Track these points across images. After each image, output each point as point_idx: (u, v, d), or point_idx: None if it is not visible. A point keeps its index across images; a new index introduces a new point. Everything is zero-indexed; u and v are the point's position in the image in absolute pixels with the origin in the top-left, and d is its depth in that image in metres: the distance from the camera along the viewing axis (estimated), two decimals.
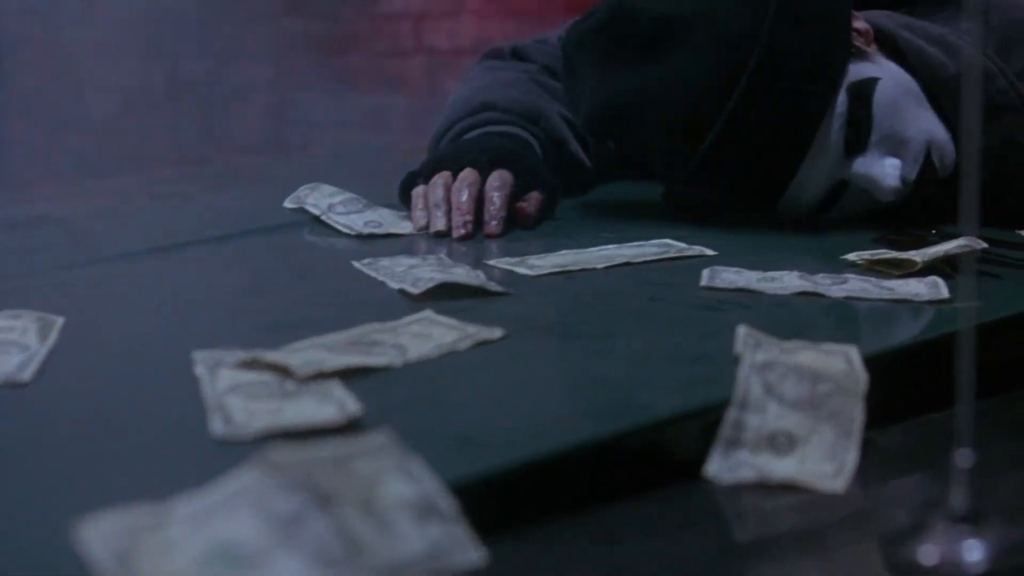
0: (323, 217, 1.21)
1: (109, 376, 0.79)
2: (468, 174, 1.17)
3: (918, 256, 0.97)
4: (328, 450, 0.53)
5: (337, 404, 0.66)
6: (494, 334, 0.80)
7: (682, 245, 1.07)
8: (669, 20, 1.15)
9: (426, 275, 0.94)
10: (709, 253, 1.05)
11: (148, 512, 0.50)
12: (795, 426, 0.66)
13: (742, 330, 0.75)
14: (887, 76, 1.16)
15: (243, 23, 3.85)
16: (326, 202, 1.23)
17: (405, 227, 1.18)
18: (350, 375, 0.71)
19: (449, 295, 0.90)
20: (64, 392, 0.75)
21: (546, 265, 1.01)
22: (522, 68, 1.37)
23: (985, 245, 0.97)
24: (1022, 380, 0.83)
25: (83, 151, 4.24)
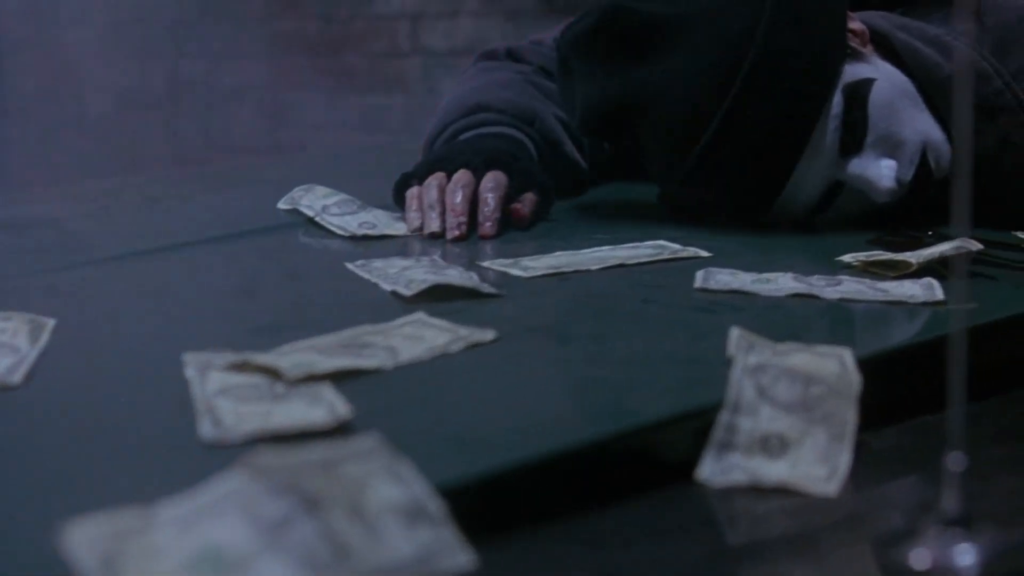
0: (317, 218, 1.21)
1: (99, 378, 0.78)
2: (462, 175, 1.17)
3: (913, 258, 0.96)
4: (316, 453, 0.52)
5: (327, 407, 0.65)
6: (486, 336, 0.80)
7: (676, 247, 1.07)
8: (664, 20, 1.15)
9: (419, 277, 0.93)
10: (704, 254, 1.05)
11: (134, 516, 0.50)
12: (788, 429, 0.65)
13: (735, 332, 0.74)
14: (883, 77, 1.16)
15: (240, 24, 3.85)
16: (320, 203, 1.23)
17: (399, 228, 1.18)
18: (341, 377, 0.71)
19: (442, 297, 0.90)
20: (54, 395, 0.74)
21: (540, 267, 1.01)
22: (517, 69, 1.37)
23: (980, 247, 0.97)
24: (1018, 382, 0.82)
25: (80, 152, 4.23)
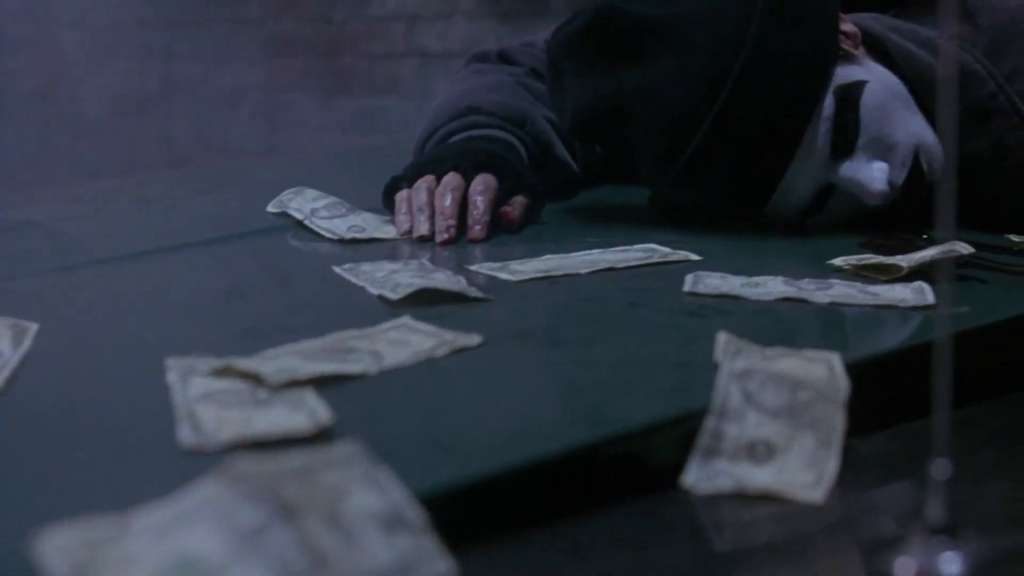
0: (306, 222, 1.21)
1: (81, 384, 0.78)
2: (452, 178, 1.16)
3: (904, 261, 0.96)
4: (294, 460, 0.52)
5: (308, 413, 0.65)
6: (472, 341, 0.79)
7: (666, 250, 1.06)
8: (656, 22, 1.14)
9: (406, 280, 0.93)
10: (694, 258, 1.04)
11: (108, 524, 0.49)
12: (774, 435, 0.65)
13: (722, 337, 0.74)
14: (875, 79, 1.15)
15: (235, 25, 3.84)
16: (309, 207, 1.22)
17: (389, 231, 1.17)
18: (325, 383, 0.70)
19: (429, 301, 0.89)
20: (34, 400, 0.74)
21: (528, 270, 1.00)
22: (508, 71, 1.36)
23: (972, 250, 0.96)
24: (1010, 385, 0.82)
25: (76, 154, 4.23)
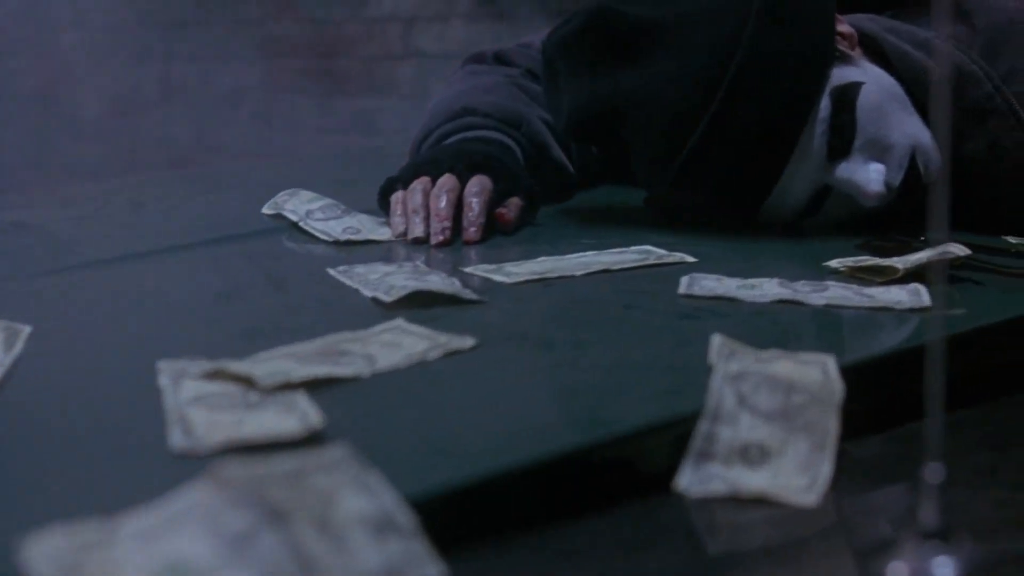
0: (301, 223, 1.20)
1: (73, 387, 0.77)
2: (447, 180, 1.16)
3: (900, 263, 0.95)
4: (284, 464, 0.51)
5: (299, 416, 0.64)
6: (465, 343, 0.79)
7: (662, 252, 1.06)
8: (652, 23, 1.14)
9: (400, 283, 0.92)
10: (689, 260, 1.04)
11: (95, 528, 0.49)
12: (768, 438, 0.64)
13: (717, 339, 0.73)
14: (871, 80, 1.15)
15: (233, 27, 3.84)
16: (304, 208, 1.22)
17: (384, 233, 1.17)
18: (317, 386, 0.70)
19: (423, 303, 0.89)
20: (24, 403, 0.73)
21: (523, 272, 1.00)
22: (504, 72, 1.36)
23: (968, 252, 0.96)
24: (1006, 388, 0.82)
25: (74, 154, 4.22)
